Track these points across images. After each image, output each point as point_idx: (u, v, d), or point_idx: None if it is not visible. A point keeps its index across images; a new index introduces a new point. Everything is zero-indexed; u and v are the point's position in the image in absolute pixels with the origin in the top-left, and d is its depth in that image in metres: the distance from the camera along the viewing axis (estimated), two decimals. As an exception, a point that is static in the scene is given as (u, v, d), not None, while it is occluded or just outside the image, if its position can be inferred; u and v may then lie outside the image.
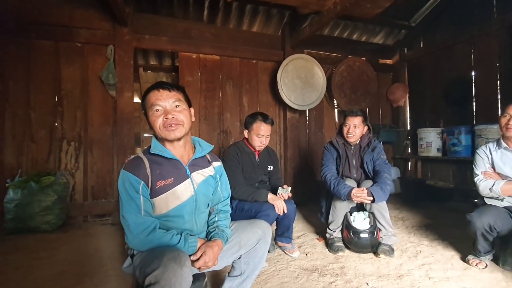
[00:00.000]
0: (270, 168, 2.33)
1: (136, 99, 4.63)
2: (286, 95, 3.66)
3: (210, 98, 3.63)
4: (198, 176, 1.26)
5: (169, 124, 1.14)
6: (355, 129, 2.22)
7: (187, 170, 1.22)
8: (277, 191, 2.10)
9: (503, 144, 1.85)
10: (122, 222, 1.12)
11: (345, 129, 2.26)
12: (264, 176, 2.31)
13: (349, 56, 4.28)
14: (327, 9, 3.00)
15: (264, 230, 1.37)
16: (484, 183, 1.86)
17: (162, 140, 1.20)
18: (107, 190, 3.13)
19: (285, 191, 2.03)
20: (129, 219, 1.09)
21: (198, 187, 1.24)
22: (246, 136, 2.21)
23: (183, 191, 1.19)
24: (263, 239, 1.35)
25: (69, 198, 2.99)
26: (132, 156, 1.24)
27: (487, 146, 1.96)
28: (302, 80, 3.74)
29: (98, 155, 3.12)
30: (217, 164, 1.39)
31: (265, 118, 2.14)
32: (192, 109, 1.26)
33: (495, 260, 1.89)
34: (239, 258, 1.35)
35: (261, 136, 2.12)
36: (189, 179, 1.22)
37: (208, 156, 1.36)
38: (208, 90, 3.61)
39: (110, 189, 3.14)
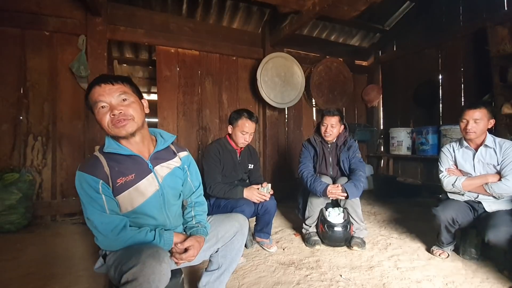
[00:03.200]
0: (251, 166, 2.34)
1: (110, 93, 4.43)
2: (266, 93, 3.68)
3: (189, 94, 3.56)
4: (163, 169, 1.21)
5: (117, 120, 1.06)
6: (332, 128, 2.28)
7: (149, 165, 1.17)
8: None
9: (465, 143, 2.00)
10: (88, 225, 1.07)
11: (322, 128, 2.31)
12: (244, 175, 2.32)
13: (327, 57, 4.39)
14: (307, 9, 3.06)
15: (241, 222, 1.38)
16: (447, 179, 1.99)
17: (115, 137, 1.12)
18: (78, 187, 2.98)
19: (266, 190, 2.03)
20: (95, 220, 1.04)
21: (164, 180, 1.19)
22: (230, 132, 2.19)
23: (147, 187, 1.14)
24: (240, 231, 1.36)
25: (36, 197, 2.81)
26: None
27: (451, 145, 2.10)
28: (281, 79, 3.78)
29: (68, 150, 2.96)
30: (184, 154, 1.32)
31: (251, 116, 2.13)
32: (144, 101, 1.18)
33: (456, 250, 2.05)
34: (216, 251, 1.35)
35: (245, 133, 2.12)
36: (152, 173, 1.17)
37: (172, 147, 1.30)
38: (187, 86, 3.55)
39: (81, 186, 2.99)
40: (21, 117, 2.80)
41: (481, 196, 1.90)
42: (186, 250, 1.13)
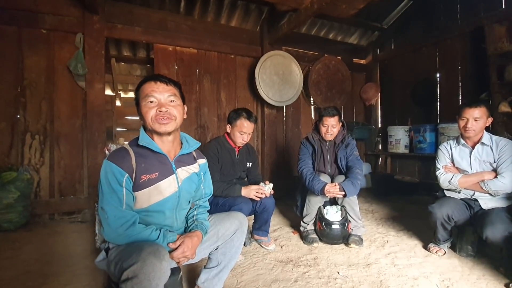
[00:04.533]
0: (249, 165, 2.35)
1: (108, 91, 4.42)
2: (264, 91, 3.68)
3: (187, 92, 3.56)
4: (183, 172, 1.26)
5: (162, 117, 1.13)
6: (333, 128, 2.28)
7: (173, 166, 1.21)
8: None
9: (462, 141, 2.01)
10: (100, 214, 1.09)
11: (323, 129, 2.30)
12: (243, 173, 2.32)
13: (326, 55, 4.39)
14: (305, 7, 3.05)
15: (240, 220, 1.41)
16: (444, 176, 2.01)
17: (150, 132, 1.18)
18: (76, 186, 2.98)
19: (268, 188, 2.04)
20: (109, 211, 1.06)
21: (182, 183, 1.24)
22: (228, 131, 2.19)
23: (167, 187, 1.18)
24: (240, 229, 1.38)
25: (34, 195, 2.81)
26: (113, 146, 1.20)
27: (448, 143, 2.11)
28: (280, 77, 3.78)
29: (66, 149, 2.95)
30: (202, 161, 1.39)
31: (249, 116, 2.13)
32: (185, 106, 1.26)
33: (453, 247, 2.07)
34: (216, 249, 1.36)
35: (243, 133, 2.12)
36: (174, 175, 1.21)
37: (194, 153, 1.36)
38: (185, 84, 3.54)
39: (79, 185, 2.99)
40: (18, 116, 2.79)
41: (477, 194, 1.92)
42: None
